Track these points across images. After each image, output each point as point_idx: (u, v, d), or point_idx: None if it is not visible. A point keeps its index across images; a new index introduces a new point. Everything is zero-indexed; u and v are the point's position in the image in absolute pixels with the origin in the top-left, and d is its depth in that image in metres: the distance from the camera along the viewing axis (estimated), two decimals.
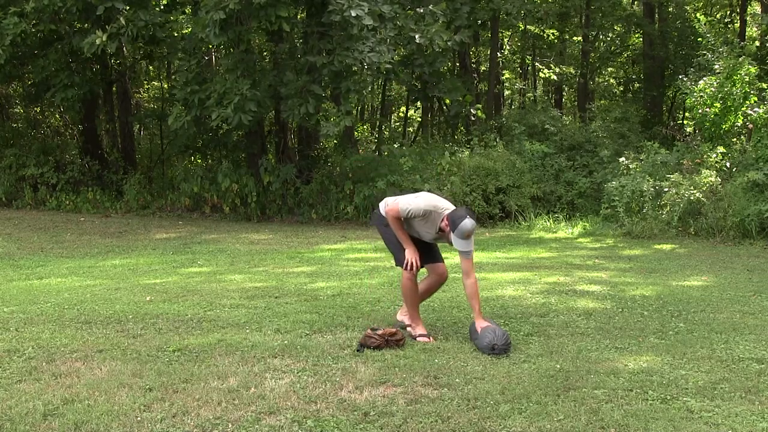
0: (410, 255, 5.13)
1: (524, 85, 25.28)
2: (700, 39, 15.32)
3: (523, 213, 13.89)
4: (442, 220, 5.07)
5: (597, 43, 24.16)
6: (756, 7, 22.68)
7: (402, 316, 5.52)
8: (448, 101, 16.95)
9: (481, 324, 5.00)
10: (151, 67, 22.14)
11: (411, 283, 5.21)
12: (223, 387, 4.13)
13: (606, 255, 9.99)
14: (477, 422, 3.65)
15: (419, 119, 24.77)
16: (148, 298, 6.71)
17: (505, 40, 25.13)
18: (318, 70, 13.42)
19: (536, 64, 25.60)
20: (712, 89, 13.26)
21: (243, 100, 13.10)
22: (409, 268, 5.13)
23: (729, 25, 22.79)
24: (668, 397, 3.97)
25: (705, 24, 15.29)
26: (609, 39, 24.82)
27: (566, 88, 27.13)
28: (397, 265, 5.33)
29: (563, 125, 17.59)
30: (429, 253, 5.36)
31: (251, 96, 13.20)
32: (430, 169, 14.47)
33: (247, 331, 5.43)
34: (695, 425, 3.61)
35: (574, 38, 24.93)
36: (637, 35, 23.97)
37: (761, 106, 13.07)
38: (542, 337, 5.26)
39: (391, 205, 5.20)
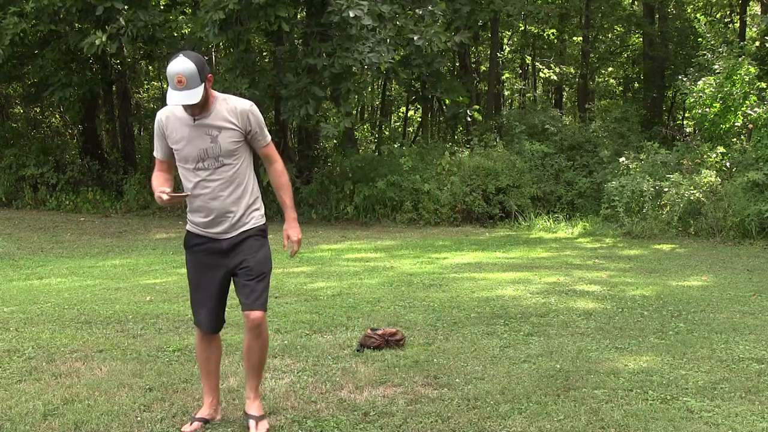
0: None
1: (524, 85, 25.27)
2: (700, 39, 15.34)
3: (523, 213, 13.88)
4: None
5: (597, 44, 24.16)
6: (756, 8, 22.67)
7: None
8: (447, 101, 16.94)
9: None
10: (151, 67, 22.11)
11: (199, 342, 3.69)
12: (223, 387, 4.13)
13: (606, 255, 9.98)
14: (477, 422, 3.65)
15: (419, 119, 24.76)
16: (148, 298, 6.70)
17: (505, 40, 25.12)
18: (318, 72, 13.41)
19: (536, 64, 25.59)
20: (712, 89, 13.26)
21: None
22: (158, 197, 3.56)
23: (729, 25, 22.78)
24: (668, 397, 3.97)
25: (705, 24, 15.31)
26: (609, 39, 24.81)
27: (566, 88, 27.12)
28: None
29: (563, 125, 17.59)
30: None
31: (249, 95, 13.19)
32: (430, 169, 14.47)
33: None
34: (695, 425, 3.60)
35: (574, 38, 24.93)
36: (637, 35, 23.96)
37: (761, 106, 13.07)
38: (542, 337, 5.26)
39: None
